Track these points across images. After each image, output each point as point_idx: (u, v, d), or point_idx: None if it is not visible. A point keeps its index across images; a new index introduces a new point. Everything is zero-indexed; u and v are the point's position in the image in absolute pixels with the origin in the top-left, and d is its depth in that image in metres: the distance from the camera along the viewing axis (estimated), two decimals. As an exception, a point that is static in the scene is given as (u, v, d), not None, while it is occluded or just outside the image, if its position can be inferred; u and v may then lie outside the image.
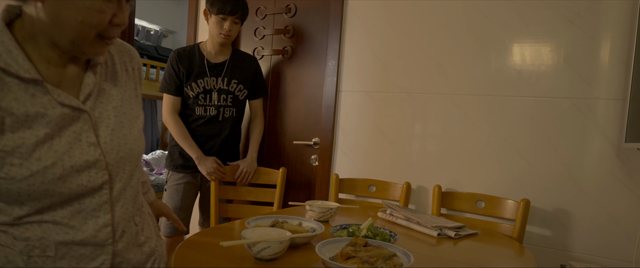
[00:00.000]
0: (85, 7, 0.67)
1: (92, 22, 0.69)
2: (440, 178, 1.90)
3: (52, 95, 0.71)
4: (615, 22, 1.59)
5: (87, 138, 0.75)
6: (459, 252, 1.26)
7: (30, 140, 0.68)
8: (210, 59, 1.98)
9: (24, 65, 0.68)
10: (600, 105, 1.62)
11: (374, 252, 1.02)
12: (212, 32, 1.93)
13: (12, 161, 0.67)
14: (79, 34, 0.70)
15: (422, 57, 1.93)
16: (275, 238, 1.00)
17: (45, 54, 0.72)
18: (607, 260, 1.61)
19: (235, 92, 2.01)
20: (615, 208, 1.60)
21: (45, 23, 0.69)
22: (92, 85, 0.78)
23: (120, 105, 0.82)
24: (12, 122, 0.67)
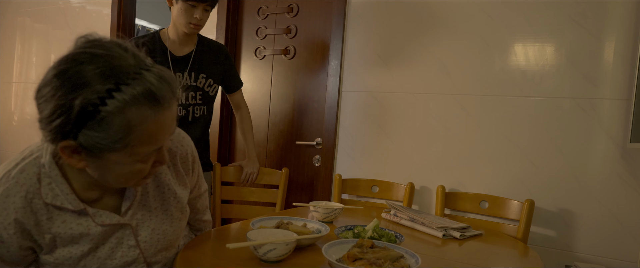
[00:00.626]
0: (126, 171, 0.72)
1: (134, 177, 0.75)
2: (443, 178, 1.90)
3: (93, 219, 0.79)
4: (620, 22, 1.58)
5: (127, 242, 0.84)
6: (464, 253, 1.26)
7: (76, 254, 0.79)
8: (174, 51, 1.71)
9: (70, 199, 0.76)
10: (604, 106, 1.61)
11: (380, 253, 1.01)
12: (179, 21, 1.64)
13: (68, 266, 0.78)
14: (124, 183, 0.78)
15: (426, 57, 1.92)
16: (282, 240, 0.99)
17: (85, 183, 0.78)
18: (612, 260, 1.60)
19: (205, 88, 1.77)
20: (620, 208, 1.59)
21: (92, 174, 0.74)
22: (132, 198, 0.84)
23: (160, 205, 0.89)
24: (62, 241, 0.78)
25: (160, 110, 0.67)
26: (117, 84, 0.62)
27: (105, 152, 0.67)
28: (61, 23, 3.11)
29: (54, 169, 0.75)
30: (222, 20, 2.44)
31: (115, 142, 0.65)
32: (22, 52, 3.34)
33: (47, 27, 3.19)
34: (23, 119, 3.34)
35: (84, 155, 0.68)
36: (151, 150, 0.71)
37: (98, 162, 0.70)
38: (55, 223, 0.77)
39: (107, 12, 2.87)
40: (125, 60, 0.65)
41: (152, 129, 0.67)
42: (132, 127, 0.65)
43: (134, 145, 0.67)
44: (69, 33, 3.07)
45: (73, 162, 0.69)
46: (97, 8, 2.93)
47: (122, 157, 0.69)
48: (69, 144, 0.66)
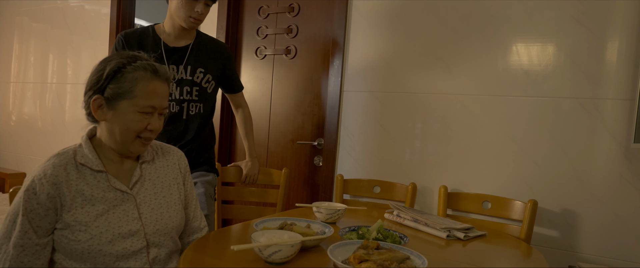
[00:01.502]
0: (128, 119, 1.02)
1: (134, 129, 1.03)
2: (445, 178, 1.89)
3: (110, 182, 1.04)
4: (623, 22, 1.58)
5: (131, 214, 1.05)
6: (469, 254, 1.25)
7: (93, 213, 1.00)
8: (168, 43, 1.61)
9: (95, 161, 1.04)
10: (608, 106, 1.61)
11: (387, 255, 1.00)
12: (177, 14, 1.55)
13: (80, 228, 0.98)
14: (125, 138, 1.04)
15: (428, 56, 1.92)
16: (287, 242, 0.98)
17: (108, 155, 1.07)
18: (615, 261, 1.60)
19: (203, 84, 1.65)
20: (623, 209, 1.59)
21: (106, 134, 1.06)
22: (138, 176, 1.10)
23: (160, 191, 1.13)
24: (82, 200, 1.00)
25: (156, 78, 1.04)
26: (132, 61, 1.03)
27: (119, 100, 1.01)
28: (60, 22, 3.09)
29: (87, 144, 1.06)
30: (223, 20, 2.42)
31: (126, 91, 1.01)
32: (20, 51, 3.32)
33: (46, 26, 3.17)
34: (21, 118, 3.32)
35: (106, 109, 1.02)
36: (147, 104, 1.02)
37: (113, 113, 1.02)
38: (82, 182, 1.01)
39: (105, 12, 2.85)
40: (140, 56, 1.07)
41: (149, 88, 1.03)
42: (137, 81, 1.01)
43: (136, 96, 1.01)
44: (67, 33, 3.05)
45: (98, 115, 1.03)
46: (95, 7, 2.91)
47: (128, 106, 1.01)
48: (97, 98, 1.01)
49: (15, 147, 3.35)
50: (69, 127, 3.05)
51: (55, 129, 3.12)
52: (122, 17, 2.79)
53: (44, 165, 1.00)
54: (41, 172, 0.98)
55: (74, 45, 3.02)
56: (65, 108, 3.07)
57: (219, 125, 2.44)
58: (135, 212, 1.06)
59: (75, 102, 3.03)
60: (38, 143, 3.22)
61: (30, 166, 3.26)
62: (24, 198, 0.96)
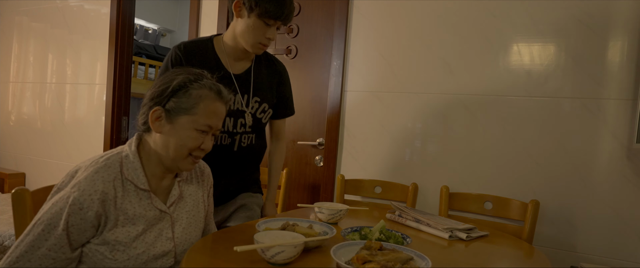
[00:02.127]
0: (185, 136, 1.02)
1: (188, 146, 1.03)
2: (447, 179, 1.89)
3: (152, 201, 1.03)
4: (625, 22, 1.58)
5: (166, 234, 1.05)
6: (472, 255, 1.24)
7: (133, 233, 0.98)
8: (228, 67, 1.43)
9: (142, 179, 1.02)
10: (610, 106, 1.60)
11: (390, 255, 0.99)
12: (243, 37, 1.37)
13: (119, 247, 0.96)
14: (178, 154, 1.03)
15: (430, 56, 1.91)
16: (290, 243, 0.97)
17: (153, 169, 1.05)
18: (617, 261, 1.60)
19: (257, 114, 1.49)
20: (625, 209, 1.58)
21: (159, 146, 1.04)
22: (176, 195, 1.09)
23: (191, 209, 1.13)
24: (124, 219, 0.97)
25: (219, 99, 1.06)
26: (199, 78, 1.05)
27: (180, 115, 1.02)
28: (59, 22, 3.08)
29: (135, 156, 1.03)
30: (223, 19, 2.42)
31: (189, 108, 1.02)
32: (19, 51, 3.30)
33: (45, 26, 3.16)
34: (20, 118, 3.31)
35: (164, 121, 1.02)
36: (206, 123, 1.03)
37: (171, 126, 1.02)
38: (126, 200, 0.98)
39: (105, 11, 2.84)
40: (205, 75, 1.09)
41: (211, 108, 1.04)
42: (201, 99, 1.03)
43: (197, 113, 1.02)
44: (67, 32, 3.04)
45: (155, 126, 1.02)
46: (95, 7, 2.90)
47: (187, 122, 1.02)
48: (158, 109, 1.02)
49: (14, 147, 3.34)
50: (68, 127, 3.04)
51: (55, 129, 3.11)
52: (122, 17, 2.78)
53: (93, 179, 0.95)
54: (91, 186, 0.94)
55: (74, 44, 3.01)
56: (64, 108, 3.06)
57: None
58: (170, 232, 1.06)
59: (75, 102, 3.02)
60: (37, 144, 3.21)
61: (30, 166, 3.25)
62: (68, 211, 0.92)
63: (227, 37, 1.43)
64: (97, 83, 2.90)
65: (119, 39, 2.77)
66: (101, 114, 2.88)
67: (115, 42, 2.76)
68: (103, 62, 2.86)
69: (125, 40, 2.80)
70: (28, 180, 3.25)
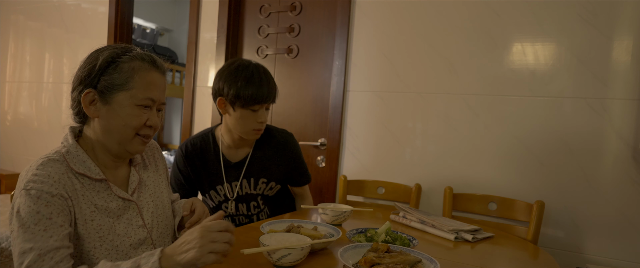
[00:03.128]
0: (126, 114, 0.93)
1: (132, 124, 0.94)
2: (450, 179, 1.87)
3: (113, 190, 0.95)
4: (631, 21, 1.56)
5: (136, 222, 0.98)
6: (478, 256, 1.23)
7: (104, 226, 0.91)
8: (229, 157, 1.49)
9: (95, 170, 0.93)
10: (615, 106, 1.59)
11: (398, 258, 0.97)
12: (240, 128, 1.40)
13: (95, 244, 0.90)
14: (123, 135, 0.94)
15: (433, 56, 1.90)
16: (297, 245, 0.95)
17: (102, 160, 0.97)
18: (623, 262, 1.59)
19: (265, 192, 1.53)
20: (630, 210, 1.57)
21: (100, 133, 0.95)
22: (136, 182, 1.02)
23: (154, 191, 1.07)
24: (90, 213, 0.90)
25: (154, 69, 0.96)
26: (127, 51, 0.95)
27: (115, 92, 0.91)
28: (56, 21, 3.04)
29: (77, 148, 0.94)
30: (224, 19, 2.39)
31: (123, 83, 0.92)
32: (15, 50, 3.26)
33: (42, 25, 3.12)
34: (17, 118, 3.27)
35: (99, 104, 0.92)
36: (146, 95, 0.93)
37: (108, 107, 0.92)
38: (87, 192, 0.91)
39: (102, 10, 2.81)
40: (134, 47, 1.00)
41: (148, 79, 0.94)
42: (134, 71, 0.93)
43: (134, 87, 0.92)
44: (64, 31, 3.00)
45: (90, 111, 0.93)
46: (92, 6, 2.87)
47: (124, 98, 0.92)
48: (89, 92, 0.92)
49: (11, 147, 3.30)
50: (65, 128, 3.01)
51: (52, 129, 3.08)
52: (121, 16, 2.75)
53: (41, 171, 0.85)
54: (44, 177, 0.84)
55: (71, 44, 2.97)
56: (61, 108, 3.03)
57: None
58: (139, 219, 0.99)
59: (72, 101, 2.99)
60: (34, 144, 3.17)
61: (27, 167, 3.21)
62: (33, 205, 0.81)
63: (223, 130, 1.48)
64: (95, 82, 2.87)
65: (117, 39, 2.74)
66: (99, 114, 2.85)
67: (114, 41, 2.73)
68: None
69: (123, 39, 2.77)
70: (25, 181, 3.21)
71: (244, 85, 1.34)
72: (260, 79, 1.36)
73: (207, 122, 2.47)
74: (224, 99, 1.39)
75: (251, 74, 1.36)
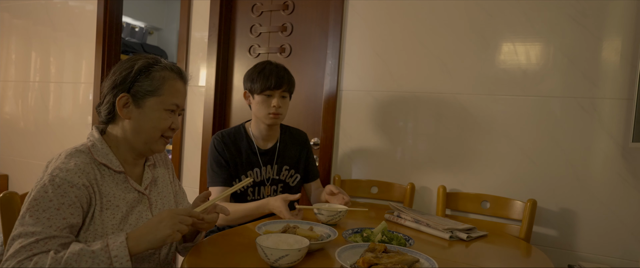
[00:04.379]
0: (156, 117, 1.05)
1: (160, 127, 1.06)
2: (443, 178, 1.88)
3: (130, 182, 1.05)
4: (620, 21, 1.59)
5: (146, 216, 1.07)
6: (473, 255, 1.24)
7: (118, 216, 1.00)
8: (260, 145, 1.68)
9: (116, 162, 1.04)
10: (605, 105, 1.61)
11: (396, 258, 0.97)
12: (259, 114, 1.62)
13: (107, 231, 0.97)
14: (151, 136, 1.06)
15: (426, 55, 1.90)
16: (295, 247, 0.95)
17: (123, 156, 1.07)
18: (613, 259, 1.61)
19: (286, 180, 1.72)
20: (621, 208, 1.60)
21: (129, 132, 1.05)
22: (150, 178, 1.13)
23: (163, 191, 1.16)
24: (107, 202, 0.99)
25: (180, 78, 1.10)
26: (158, 61, 1.08)
27: (147, 97, 1.03)
28: (43, 19, 2.98)
29: (102, 142, 1.04)
30: (215, 18, 2.37)
31: (155, 89, 1.04)
32: (0, 49, 3.19)
33: (27, 22, 3.06)
34: (2, 118, 3.20)
35: (132, 107, 1.04)
36: (173, 102, 1.06)
37: (139, 110, 1.04)
38: (105, 182, 1.00)
39: (90, 8, 2.76)
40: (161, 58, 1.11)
41: (175, 86, 1.07)
42: (165, 80, 1.06)
43: (163, 94, 1.05)
44: (51, 29, 2.94)
45: (123, 113, 1.03)
46: (80, 4, 2.82)
47: (155, 103, 1.04)
48: (124, 95, 1.03)
49: (-5, 148, 3.22)
50: (53, 127, 2.95)
51: (38, 129, 3.01)
52: (110, 15, 2.70)
53: (69, 161, 0.95)
54: (71, 166, 0.94)
55: (58, 42, 2.91)
56: (48, 107, 2.97)
57: (212, 132, 2.39)
58: (149, 213, 1.07)
59: (59, 101, 2.93)
60: (20, 144, 3.10)
61: (13, 168, 3.14)
62: (54, 191, 0.90)
63: (252, 122, 1.71)
64: (82, 82, 2.82)
65: (106, 37, 2.69)
66: (87, 114, 2.80)
67: (103, 41, 2.68)
68: (89, 61, 2.77)
69: (113, 38, 2.72)
70: (11, 182, 3.15)
71: (257, 75, 1.60)
72: (270, 70, 1.60)
73: (199, 123, 2.45)
74: (246, 91, 1.65)
75: (263, 67, 1.61)
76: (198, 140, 2.45)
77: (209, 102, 2.39)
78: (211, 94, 2.38)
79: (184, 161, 2.51)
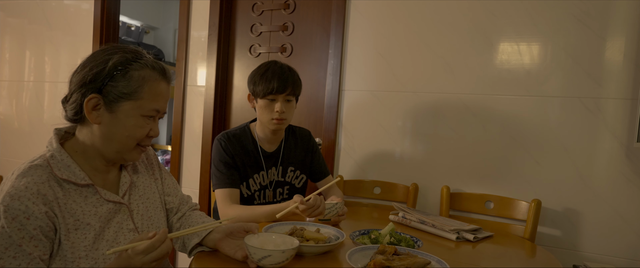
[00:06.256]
0: (131, 124, 0.90)
1: (136, 135, 0.91)
2: (447, 178, 1.87)
3: (101, 194, 0.91)
4: (624, 22, 1.59)
5: (127, 225, 0.94)
6: (481, 256, 1.22)
7: (90, 234, 0.87)
8: (265, 147, 1.61)
9: (80, 174, 0.89)
10: (609, 105, 1.61)
11: (407, 260, 0.96)
12: (263, 118, 1.54)
13: (80, 254, 0.84)
14: (124, 145, 0.91)
15: (429, 55, 1.89)
16: (281, 248, 0.95)
17: (92, 164, 0.93)
18: (618, 259, 1.61)
19: (292, 181, 1.66)
20: (625, 208, 1.60)
21: (98, 139, 0.90)
22: (128, 184, 0.99)
23: (144, 193, 1.03)
24: (74, 222, 0.85)
25: (163, 78, 0.93)
26: (138, 57, 0.91)
27: (122, 101, 0.88)
28: (38, 17, 2.93)
29: (62, 153, 0.89)
30: (215, 17, 2.34)
31: (132, 92, 0.88)
32: (-6, 48, 3.14)
33: (22, 21, 3.01)
34: (-4, 119, 3.14)
35: (103, 110, 0.88)
36: (153, 107, 0.91)
37: (112, 115, 0.88)
38: (69, 200, 0.86)
39: (85, 7, 2.72)
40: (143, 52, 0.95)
41: (156, 89, 0.91)
42: (144, 81, 0.89)
43: (142, 98, 0.89)
44: (46, 28, 2.89)
45: (92, 117, 0.88)
46: (76, 3, 2.77)
47: (131, 108, 0.89)
48: (94, 97, 0.87)
49: (-11, 148, 3.17)
50: (48, 127, 2.90)
51: (33, 129, 2.97)
52: (107, 14, 2.67)
53: (20, 183, 0.80)
54: (22, 190, 0.79)
55: (54, 41, 2.87)
56: (43, 107, 2.92)
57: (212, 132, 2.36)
58: (130, 222, 0.95)
59: (55, 101, 2.89)
60: (15, 144, 3.05)
61: (7, 168, 3.09)
62: (10, 226, 0.77)
63: (257, 123, 1.62)
64: (79, 81, 2.77)
65: (103, 37, 2.65)
66: (84, 114, 2.76)
67: (100, 40, 2.65)
68: (86, 60, 2.73)
69: (110, 37, 2.69)
70: (5, 184, 3.09)
71: (260, 78, 1.50)
72: (273, 71, 1.50)
73: (198, 123, 2.42)
74: (250, 93, 1.58)
75: (267, 69, 1.51)
76: (198, 141, 2.42)
77: (208, 102, 2.37)
78: (211, 93, 2.36)
79: (184, 163, 2.48)
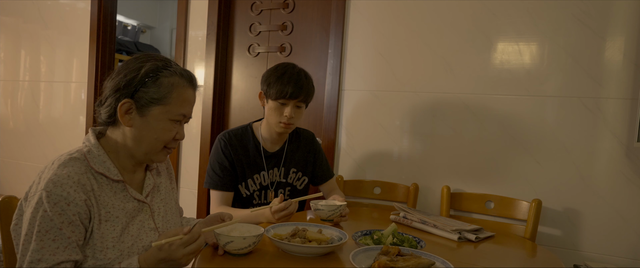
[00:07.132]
0: (160, 128, 0.97)
1: (163, 138, 0.98)
2: (447, 178, 1.87)
3: (129, 192, 0.98)
4: (624, 22, 1.59)
5: (148, 224, 1.00)
6: (483, 256, 1.22)
7: (118, 227, 0.93)
8: (267, 148, 1.61)
9: (113, 170, 0.96)
10: (609, 105, 1.62)
11: (412, 261, 0.95)
12: (270, 119, 1.54)
13: (108, 244, 0.91)
14: (153, 147, 0.98)
15: (429, 55, 1.89)
16: (242, 235, 1.02)
17: (122, 163, 1.00)
18: (618, 259, 1.61)
19: (294, 183, 1.66)
20: (625, 207, 1.60)
21: (129, 140, 0.97)
22: (151, 185, 1.05)
23: (165, 197, 1.10)
24: (106, 214, 0.92)
25: (190, 86, 1.01)
26: (168, 65, 0.98)
27: (152, 106, 0.95)
28: (33, 16, 2.90)
29: (99, 149, 0.96)
30: (214, 16, 2.33)
31: (161, 97, 0.95)
32: (-11, 47, 3.10)
33: (17, 20, 2.97)
34: (-9, 119, 3.11)
35: (134, 114, 0.95)
36: (180, 112, 0.98)
37: (143, 119, 0.95)
38: (103, 192, 0.93)
39: (81, 6, 2.69)
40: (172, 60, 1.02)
41: (183, 95, 0.98)
42: (173, 87, 0.96)
43: (170, 103, 0.96)
44: (42, 27, 2.87)
45: (125, 120, 0.95)
46: (71, 2, 2.75)
47: (160, 113, 0.96)
48: (127, 102, 0.94)
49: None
50: (44, 127, 2.88)
51: (29, 129, 2.94)
52: (103, 13, 2.64)
53: (62, 172, 0.88)
54: (64, 178, 0.87)
55: (49, 40, 2.84)
56: (39, 107, 2.89)
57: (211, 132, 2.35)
58: (151, 222, 1.01)
59: (50, 100, 2.86)
60: (10, 145, 3.02)
61: (3, 169, 3.05)
62: (52, 211, 0.84)
63: (263, 123, 1.62)
64: (73, 81, 2.75)
65: (100, 36, 2.63)
66: (79, 113, 2.73)
67: (97, 39, 2.62)
68: (81, 59, 2.71)
69: (107, 36, 2.66)
70: (1, 184, 3.06)
71: (275, 80, 1.49)
72: (290, 76, 1.49)
73: (197, 123, 2.40)
74: (262, 91, 1.56)
75: (283, 72, 1.51)
76: (196, 141, 2.41)
77: (207, 102, 2.35)
78: (210, 93, 2.34)
79: (182, 162, 2.46)
